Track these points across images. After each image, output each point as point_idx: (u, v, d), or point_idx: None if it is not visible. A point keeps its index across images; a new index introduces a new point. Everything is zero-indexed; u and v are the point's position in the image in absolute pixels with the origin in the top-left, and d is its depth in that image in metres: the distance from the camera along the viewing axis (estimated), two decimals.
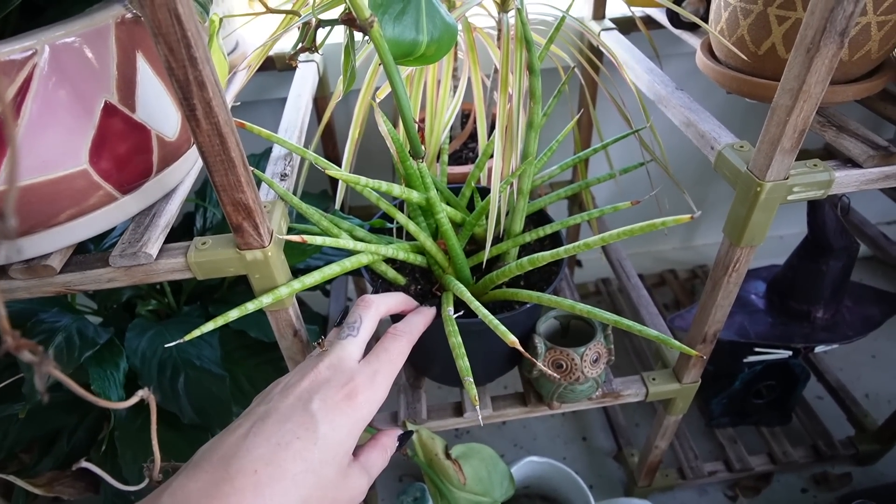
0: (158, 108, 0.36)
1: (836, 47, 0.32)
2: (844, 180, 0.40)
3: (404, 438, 0.40)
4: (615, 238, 0.34)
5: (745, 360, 0.73)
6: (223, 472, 0.27)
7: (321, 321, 0.73)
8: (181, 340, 0.33)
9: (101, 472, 0.36)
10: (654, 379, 0.59)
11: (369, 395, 0.33)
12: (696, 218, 0.29)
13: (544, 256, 0.40)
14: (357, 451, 0.35)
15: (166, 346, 0.49)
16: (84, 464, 0.36)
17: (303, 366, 0.35)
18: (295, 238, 0.36)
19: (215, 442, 0.30)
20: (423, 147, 0.42)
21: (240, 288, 0.64)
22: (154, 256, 0.36)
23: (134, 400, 0.28)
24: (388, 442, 0.38)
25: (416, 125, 0.38)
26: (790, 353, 0.70)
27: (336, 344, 0.36)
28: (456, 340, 0.41)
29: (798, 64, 0.34)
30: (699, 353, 0.37)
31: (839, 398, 0.88)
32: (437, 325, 0.45)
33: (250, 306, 0.36)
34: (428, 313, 0.43)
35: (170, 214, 0.39)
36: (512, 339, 0.35)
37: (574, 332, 0.58)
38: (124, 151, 0.34)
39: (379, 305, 0.40)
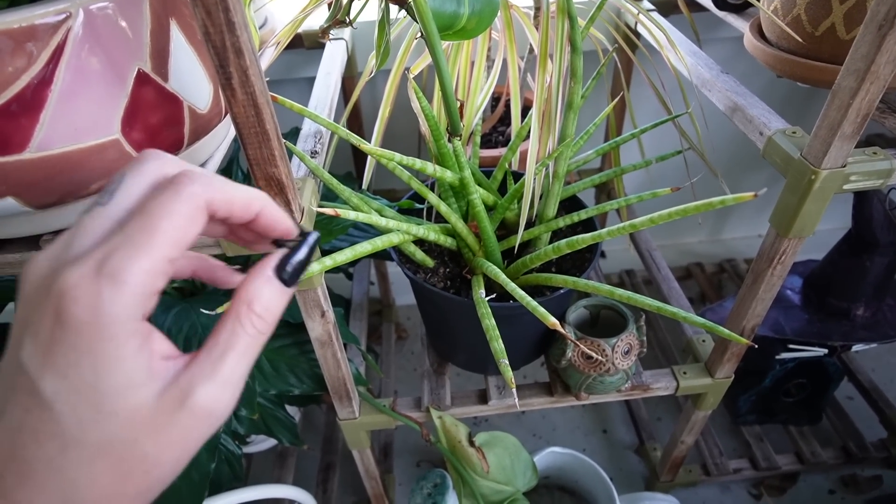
0: (191, 79, 0.35)
1: None
2: None
3: (304, 254, 0.22)
4: (666, 218, 0.32)
5: (776, 357, 0.70)
6: None
7: (345, 304, 0.72)
8: (213, 312, 0.32)
9: None
10: (685, 373, 0.57)
11: (94, 302, 0.18)
12: (758, 195, 0.27)
13: (585, 239, 0.38)
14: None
15: (203, 310, 0.47)
16: None
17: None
18: (328, 211, 0.36)
19: None
20: (461, 124, 0.40)
21: None
22: None
23: None
24: (248, 293, 0.21)
25: (457, 101, 0.37)
26: (825, 351, 0.68)
27: (73, 224, 0.20)
28: (490, 322, 0.39)
29: (867, 42, 0.31)
30: (748, 341, 0.35)
31: (871, 399, 0.85)
32: (465, 309, 0.44)
33: None
34: (271, 209, 0.23)
35: None
36: (553, 321, 0.34)
37: (603, 323, 0.56)
38: (156, 122, 0.34)
39: (164, 161, 0.21)
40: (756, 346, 0.36)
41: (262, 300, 0.21)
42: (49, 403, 0.18)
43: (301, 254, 0.22)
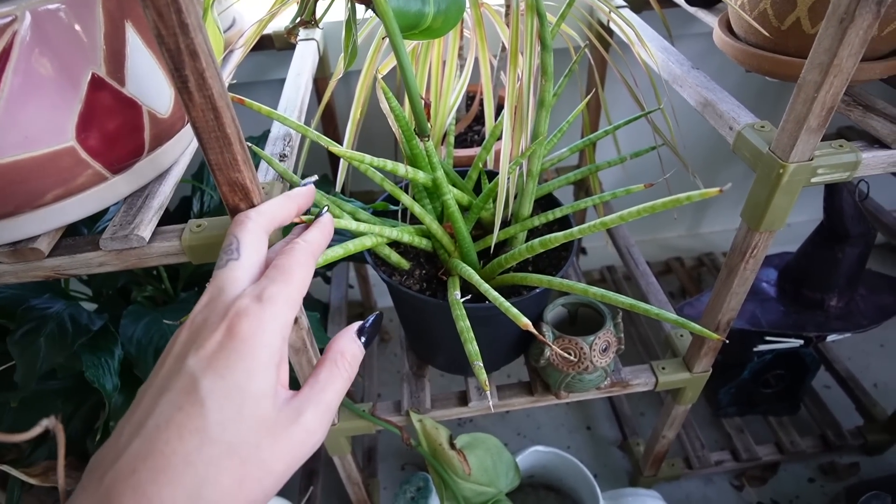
0: (150, 84, 0.34)
1: (871, 17, 0.30)
2: (871, 162, 0.38)
3: (374, 325, 0.30)
4: (635, 215, 0.32)
5: (754, 349, 0.71)
6: (96, 488, 0.21)
7: (322, 308, 0.71)
8: (179, 322, 0.31)
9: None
10: (663, 368, 0.57)
11: (259, 317, 0.24)
12: (724, 191, 0.27)
13: (557, 237, 0.38)
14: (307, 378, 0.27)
15: (165, 321, 0.47)
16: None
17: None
18: (295, 218, 0.35)
19: (99, 450, 0.23)
20: (429, 125, 0.40)
21: None
22: (147, 239, 0.34)
23: (37, 430, 0.26)
24: (340, 346, 0.28)
25: (423, 101, 0.36)
26: (801, 341, 0.69)
27: (213, 277, 0.26)
28: (464, 324, 0.39)
29: (829, 36, 0.32)
30: (720, 337, 0.35)
31: (848, 388, 0.87)
32: (441, 311, 0.44)
33: None
34: (325, 223, 0.32)
35: (163, 196, 0.37)
36: (525, 322, 0.34)
37: (582, 321, 0.56)
38: (114, 128, 0.33)
39: (258, 217, 0.29)
40: (727, 342, 0.36)
41: (351, 352, 0.28)
42: (202, 400, 0.22)
43: (370, 323, 0.30)
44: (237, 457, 0.22)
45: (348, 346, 0.28)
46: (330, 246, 0.41)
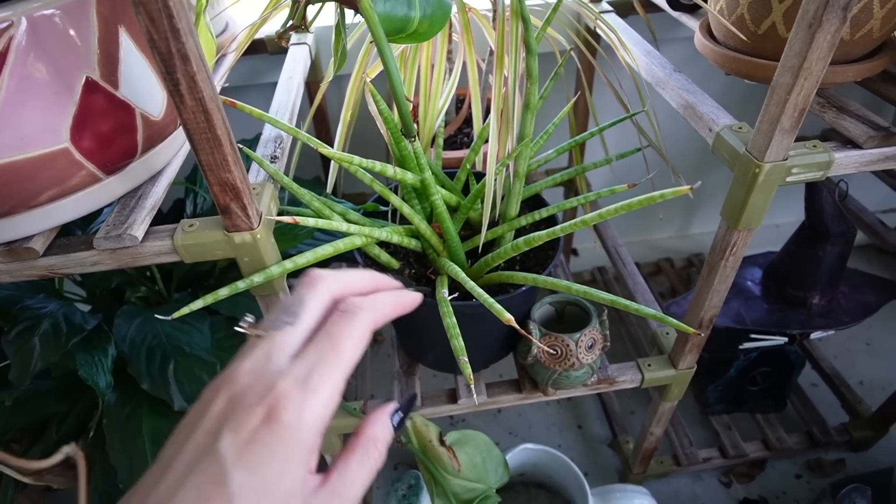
0: (143, 87, 0.35)
1: (838, 22, 0.31)
2: (844, 161, 0.39)
3: (406, 409, 0.29)
4: (612, 213, 0.33)
5: (740, 347, 0.72)
6: None
7: None
8: (171, 317, 0.32)
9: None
10: (649, 365, 0.58)
11: (300, 410, 0.22)
12: (694, 189, 0.28)
13: (540, 236, 0.39)
14: (332, 463, 0.25)
15: (156, 316, 0.47)
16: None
17: (226, 370, 0.25)
18: (286, 219, 0.36)
19: None
20: (415, 126, 0.41)
21: (231, 275, 0.63)
22: (140, 239, 0.35)
23: (58, 458, 0.25)
24: (374, 433, 0.27)
25: (409, 102, 0.37)
26: (786, 339, 0.70)
27: (266, 337, 0.25)
28: (451, 321, 0.40)
29: (799, 40, 0.33)
30: (696, 331, 0.36)
31: (834, 385, 0.88)
32: (431, 310, 0.45)
33: (241, 285, 0.36)
34: (405, 297, 0.30)
35: (156, 196, 0.38)
36: (507, 317, 0.35)
37: (569, 319, 0.57)
38: (107, 130, 0.33)
39: (330, 282, 0.27)
40: (713, 340, 0.37)
41: (383, 439, 0.27)
42: (230, 496, 0.21)
43: (404, 411, 0.29)
44: None
45: (381, 433, 0.27)
46: (319, 245, 0.42)
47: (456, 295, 0.45)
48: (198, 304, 0.35)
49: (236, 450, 0.21)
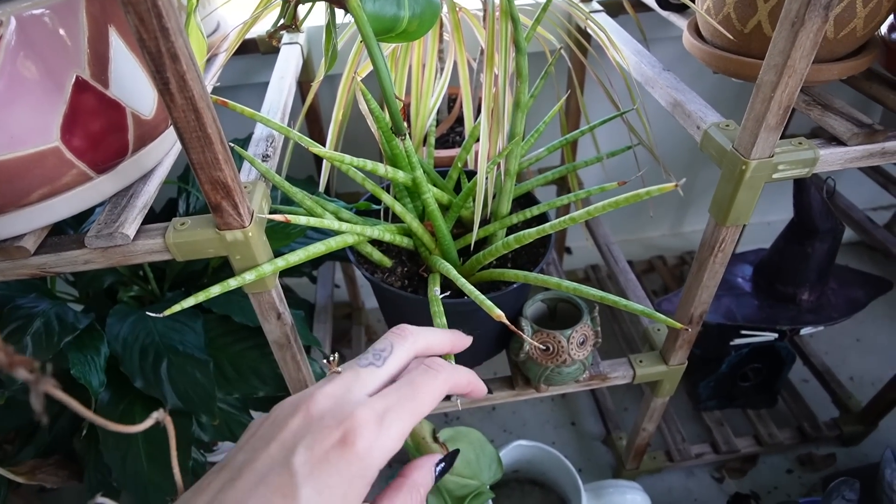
0: (133, 86, 0.35)
1: (820, 20, 0.32)
2: (829, 158, 0.40)
3: (449, 463, 0.30)
4: (600, 210, 0.34)
5: (731, 344, 0.73)
6: None
7: (307, 307, 0.72)
8: (162, 314, 0.32)
9: None
10: (641, 361, 0.59)
11: (372, 442, 0.24)
12: (680, 185, 0.29)
13: (531, 233, 0.40)
14: (378, 498, 0.27)
15: (149, 314, 0.47)
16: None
17: (304, 392, 0.27)
18: (277, 217, 0.36)
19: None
20: (405, 124, 0.41)
21: (224, 274, 0.63)
22: (131, 237, 0.35)
23: (149, 423, 0.25)
24: (420, 479, 0.28)
25: (399, 101, 0.37)
26: (776, 335, 0.71)
27: (350, 369, 0.27)
28: (441, 321, 0.40)
29: (783, 38, 0.33)
30: (684, 326, 0.37)
31: (824, 381, 0.89)
32: (420, 307, 0.45)
33: (233, 283, 0.36)
34: (479, 383, 0.32)
35: (147, 195, 0.38)
36: (498, 314, 0.35)
37: (561, 316, 0.58)
38: (98, 129, 0.34)
39: (417, 338, 0.29)
40: (689, 330, 0.37)
41: (426, 486, 0.28)
42: None
43: (448, 463, 0.30)
44: None
45: (425, 480, 0.28)
46: (312, 243, 0.42)
47: (448, 293, 0.45)
48: (190, 302, 0.35)
49: (309, 466, 0.23)
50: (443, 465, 0.30)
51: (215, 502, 0.22)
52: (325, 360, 0.29)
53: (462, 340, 0.33)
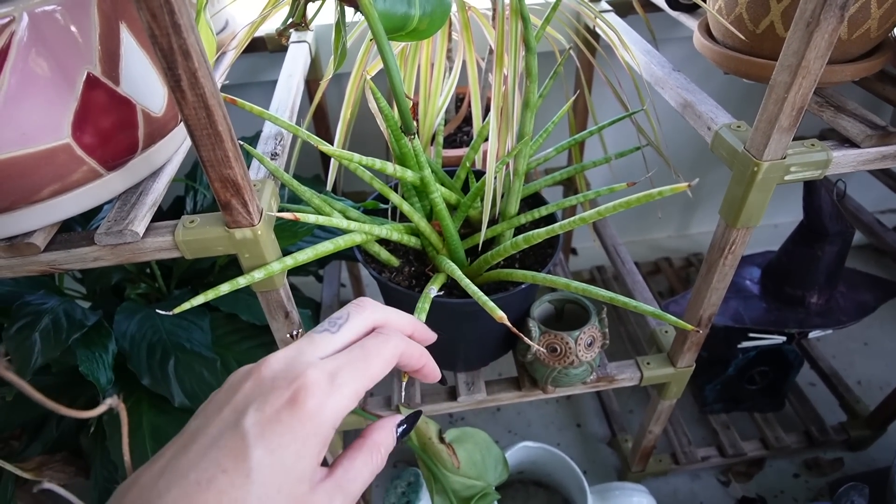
0: (144, 83, 0.35)
1: (836, 21, 0.31)
2: (842, 160, 0.39)
3: (410, 423, 0.30)
4: (611, 211, 0.34)
5: (739, 346, 0.72)
6: None
7: (314, 306, 0.72)
8: (171, 312, 0.32)
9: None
10: (648, 363, 0.58)
11: (323, 400, 0.24)
12: (692, 186, 0.28)
13: (539, 234, 0.39)
14: (337, 459, 0.27)
15: (157, 311, 0.47)
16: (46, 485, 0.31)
17: (262, 360, 0.27)
18: (286, 215, 0.36)
19: (130, 480, 0.23)
20: (415, 124, 0.41)
21: (231, 272, 0.63)
22: (140, 235, 0.35)
23: (102, 409, 0.26)
24: (380, 438, 0.28)
25: (408, 100, 0.37)
26: (784, 338, 0.70)
27: (305, 336, 0.27)
28: (422, 318, 0.41)
29: (797, 39, 0.33)
30: (694, 328, 0.37)
31: (832, 385, 0.88)
32: (431, 308, 0.45)
33: (242, 281, 0.36)
34: (431, 363, 0.32)
35: (157, 193, 0.38)
36: (500, 315, 0.35)
37: (569, 317, 0.58)
38: (108, 126, 0.34)
39: (376, 311, 0.30)
40: (699, 332, 0.37)
41: (386, 445, 0.28)
42: (248, 471, 0.22)
43: (409, 424, 0.30)
44: None
45: (386, 440, 0.28)
46: (319, 242, 0.42)
47: (443, 293, 0.45)
48: (199, 300, 0.35)
49: (259, 427, 0.23)
50: (405, 426, 0.30)
51: (168, 468, 0.22)
52: (288, 336, 0.29)
53: (425, 333, 0.33)
